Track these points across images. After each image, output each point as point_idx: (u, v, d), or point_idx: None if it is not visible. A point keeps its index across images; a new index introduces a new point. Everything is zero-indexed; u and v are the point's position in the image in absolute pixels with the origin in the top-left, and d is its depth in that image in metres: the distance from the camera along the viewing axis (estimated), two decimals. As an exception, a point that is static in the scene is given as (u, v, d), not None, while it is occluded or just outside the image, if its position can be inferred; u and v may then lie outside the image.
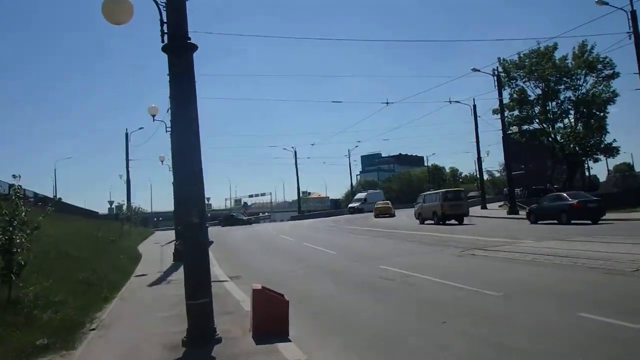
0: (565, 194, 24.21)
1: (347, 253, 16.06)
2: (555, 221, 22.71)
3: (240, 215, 57.60)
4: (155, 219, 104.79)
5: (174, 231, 20.97)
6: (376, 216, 43.66)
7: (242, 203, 79.11)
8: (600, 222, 21.31)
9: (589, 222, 21.45)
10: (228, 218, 55.60)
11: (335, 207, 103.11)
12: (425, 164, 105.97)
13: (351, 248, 17.84)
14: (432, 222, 29.15)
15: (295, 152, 75.09)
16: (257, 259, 16.85)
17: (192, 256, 6.38)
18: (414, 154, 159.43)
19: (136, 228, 36.45)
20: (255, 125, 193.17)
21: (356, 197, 69.25)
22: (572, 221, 21.73)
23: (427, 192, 34.94)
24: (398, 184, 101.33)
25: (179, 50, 6.29)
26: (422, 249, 15.90)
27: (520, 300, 7.86)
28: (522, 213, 30.52)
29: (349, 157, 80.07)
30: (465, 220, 28.34)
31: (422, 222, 30.18)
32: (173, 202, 19.56)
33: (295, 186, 74.69)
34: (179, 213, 14.71)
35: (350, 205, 67.25)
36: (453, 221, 28.12)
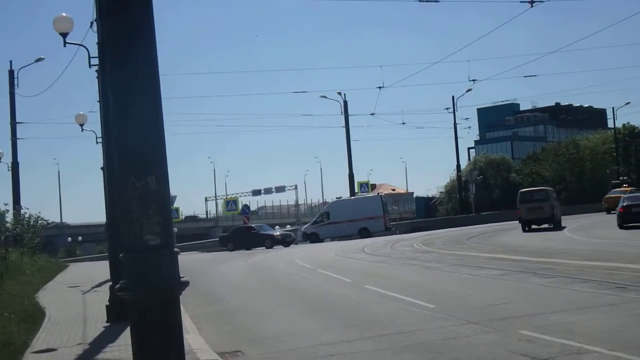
0: (625, 196, 44.19)
1: (455, 306, 16.08)
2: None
3: (265, 228, 59.23)
4: (69, 238, 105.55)
5: (107, 263, 21.16)
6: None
7: (241, 206, 78.95)
8: None
9: None
10: (242, 233, 57.57)
11: (426, 212, 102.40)
12: (611, 125, 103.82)
13: (462, 296, 17.84)
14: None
15: (345, 103, 74.63)
16: (273, 317, 17.01)
17: (147, 313, 6.39)
18: (585, 105, 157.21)
19: (33, 257, 37.04)
20: (254, 51, 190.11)
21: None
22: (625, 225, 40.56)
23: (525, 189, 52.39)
24: (554, 165, 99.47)
25: None
26: (606, 296, 15.81)
27: None
28: None
29: (454, 113, 78.84)
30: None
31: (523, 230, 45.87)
32: (105, 205, 19.83)
33: (344, 172, 74.31)
34: (117, 225, 14.90)
35: (304, 227, 69.87)
36: None
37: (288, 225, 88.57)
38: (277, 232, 58.45)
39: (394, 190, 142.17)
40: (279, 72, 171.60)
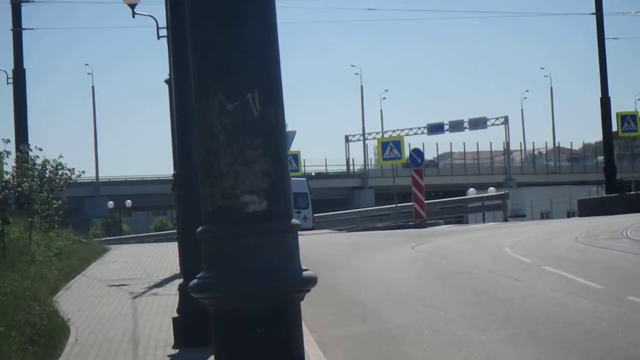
0: None
1: None
2: None
3: None
4: (109, 203, 74.77)
5: (175, 245, 17.77)
6: None
7: (408, 152, 51.45)
8: None
9: None
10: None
11: None
12: None
13: None
14: None
15: None
16: (464, 348, 12.12)
17: (245, 332, 4.41)
18: None
19: (50, 234, 26.32)
20: None
21: None
22: None
23: None
24: None
25: None
26: None
27: None
28: None
29: None
30: None
31: None
32: (172, 147, 13.61)
33: (593, 96, 54.89)
34: (193, 180, 10.41)
35: None
36: None
37: (491, 188, 66.17)
38: None
39: None
40: None
